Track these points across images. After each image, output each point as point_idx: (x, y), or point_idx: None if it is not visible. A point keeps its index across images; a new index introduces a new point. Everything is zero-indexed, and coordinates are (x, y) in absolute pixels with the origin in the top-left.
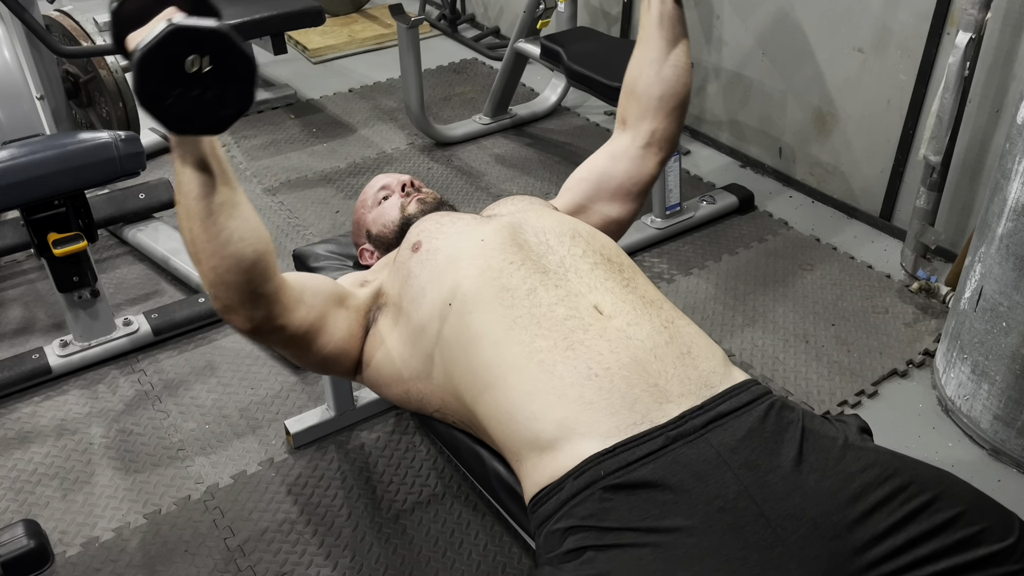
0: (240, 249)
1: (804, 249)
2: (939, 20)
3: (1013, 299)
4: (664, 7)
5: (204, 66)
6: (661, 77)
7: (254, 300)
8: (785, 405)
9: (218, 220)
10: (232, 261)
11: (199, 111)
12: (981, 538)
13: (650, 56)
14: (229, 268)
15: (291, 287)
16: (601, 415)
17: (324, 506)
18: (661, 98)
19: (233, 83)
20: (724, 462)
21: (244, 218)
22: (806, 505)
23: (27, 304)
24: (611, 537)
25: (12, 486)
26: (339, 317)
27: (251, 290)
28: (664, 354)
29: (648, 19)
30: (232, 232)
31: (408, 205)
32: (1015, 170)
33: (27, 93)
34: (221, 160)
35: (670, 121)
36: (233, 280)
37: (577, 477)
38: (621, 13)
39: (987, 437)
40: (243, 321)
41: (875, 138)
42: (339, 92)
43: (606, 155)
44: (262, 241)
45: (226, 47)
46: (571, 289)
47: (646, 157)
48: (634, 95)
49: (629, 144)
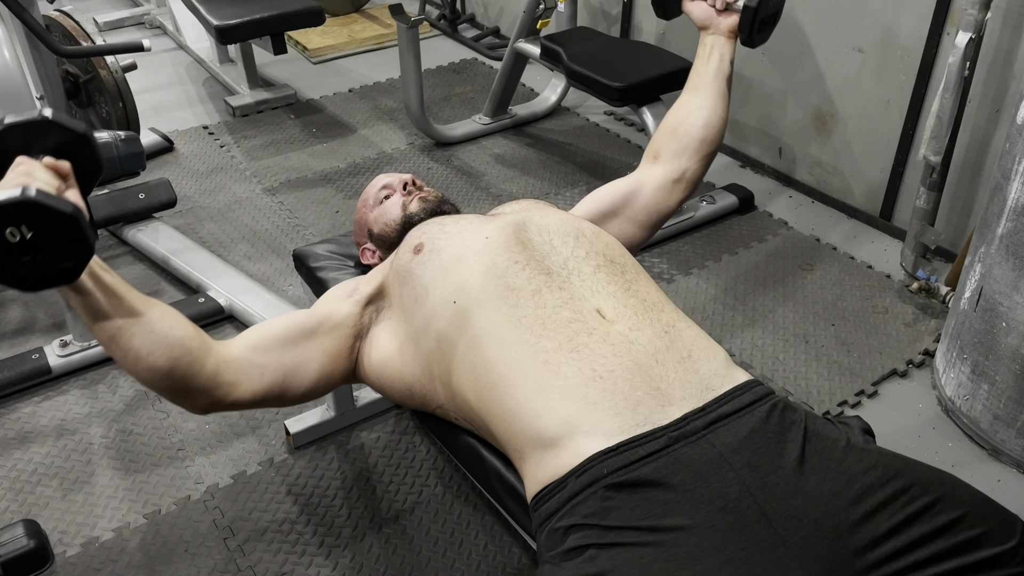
0: (153, 362)
1: (804, 249)
2: (939, 20)
3: (1013, 299)
4: (722, 65)
5: (25, 234)
6: (705, 124)
7: (190, 394)
8: (788, 406)
9: (121, 343)
10: (148, 373)
11: (39, 272)
12: (983, 540)
13: (698, 103)
14: (150, 379)
15: (238, 359)
16: (605, 415)
17: (324, 506)
18: (701, 141)
19: (60, 241)
20: (726, 462)
21: (148, 333)
22: (808, 506)
23: (27, 304)
24: (613, 536)
25: (12, 486)
26: (310, 351)
27: (182, 388)
28: (665, 359)
29: (704, 70)
30: (139, 350)
31: (410, 204)
32: (1015, 170)
33: (27, 93)
34: (108, 287)
35: (702, 164)
36: (161, 386)
37: (580, 475)
38: (621, 13)
39: (987, 437)
40: (192, 408)
41: (875, 138)
42: (339, 92)
43: (635, 179)
44: (175, 347)
45: (37, 213)
46: (575, 292)
47: (673, 191)
48: (676, 134)
49: (661, 175)
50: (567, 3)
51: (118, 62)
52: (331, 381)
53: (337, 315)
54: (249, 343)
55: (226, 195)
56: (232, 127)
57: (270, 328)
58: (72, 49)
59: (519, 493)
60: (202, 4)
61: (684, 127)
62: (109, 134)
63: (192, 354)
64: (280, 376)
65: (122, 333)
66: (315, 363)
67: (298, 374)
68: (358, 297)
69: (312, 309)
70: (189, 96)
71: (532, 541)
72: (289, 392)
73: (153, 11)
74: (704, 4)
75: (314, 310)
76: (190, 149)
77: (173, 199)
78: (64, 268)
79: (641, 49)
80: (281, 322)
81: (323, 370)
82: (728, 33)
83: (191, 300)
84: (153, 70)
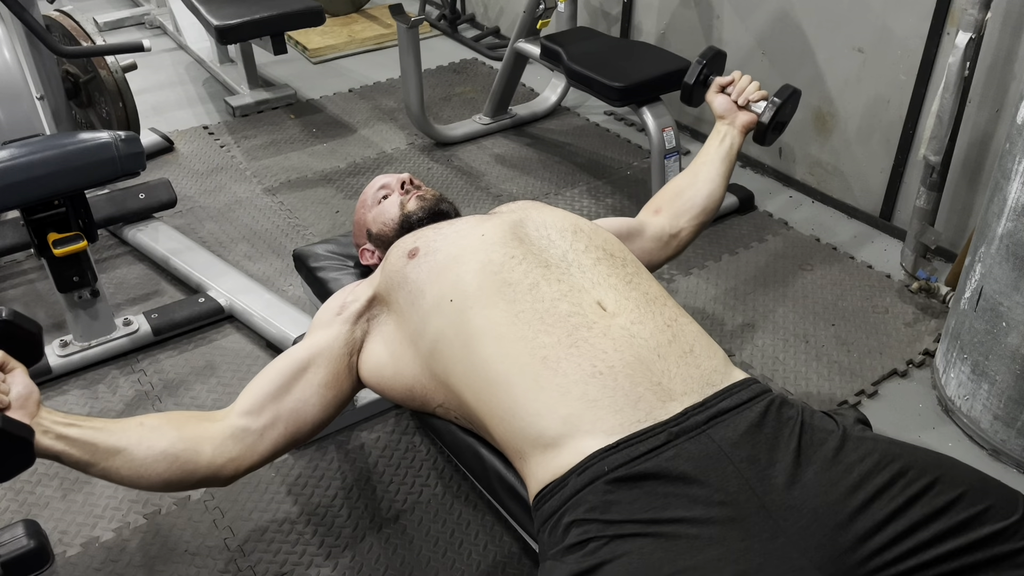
0: (147, 483)
1: (804, 249)
2: (939, 20)
3: (1013, 299)
4: (731, 152)
5: None
6: (708, 195)
7: (200, 483)
8: (785, 402)
9: (112, 478)
10: (151, 489)
11: None
12: (984, 517)
13: (706, 176)
14: (156, 490)
15: (231, 436)
16: (605, 413)
17: (324, 506)
18: (701, 210)
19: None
20: (725, 456)
21: (130, 463)
22: (807, 496)
23: (27, 304)
24: (614, 529)
25: (12, 486)
26: (307, 390)
27: (190, 484)
28: (667, 353)
29: (716, 152)
30: (128, 478)
31: (407, 202)
32: (1015, 170)
33: (27, 93)
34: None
35: (695, 230)
36: (172, 489)
37: (581, 473)
38: (621, 13)
39: (987, 437)
40: (215, 486)
41: (875, 138)
42: (339, 92)
43: (638, 222)
44: (159, 462)
45: None
46: (574, 284)
47: (668, 245)
48: (680, 197)
49: (660, 227)
50: (567, 3)
51: (118, 62)
52: (339, 403)
53: (327, 343)
54: (242, 410)
55: (226, 195)
56: (232, 127)
57: (260, 385)
58: (72, 49)
59: (519, 493)
60: (202, 4)
61: (689, 193)
62: (109, 134)
63: (180, 458)
64: (282, 428)
65: (108, 473)
66: (315, 398)
67: (300, 417)
68: (347, 315)
69: (302, 343)
70: (189, 96)
71: (532, 541)
72: (299, 434)
73: (153, 11)
74: (727, 98)
75: (304, 345)
76: (190, 149)
77: (173, 199)
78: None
79: (641, 49)
80: (270, 374)
81: (324, 401)
82: (742, 128)
83: (191, 300)
84: (153, 70)
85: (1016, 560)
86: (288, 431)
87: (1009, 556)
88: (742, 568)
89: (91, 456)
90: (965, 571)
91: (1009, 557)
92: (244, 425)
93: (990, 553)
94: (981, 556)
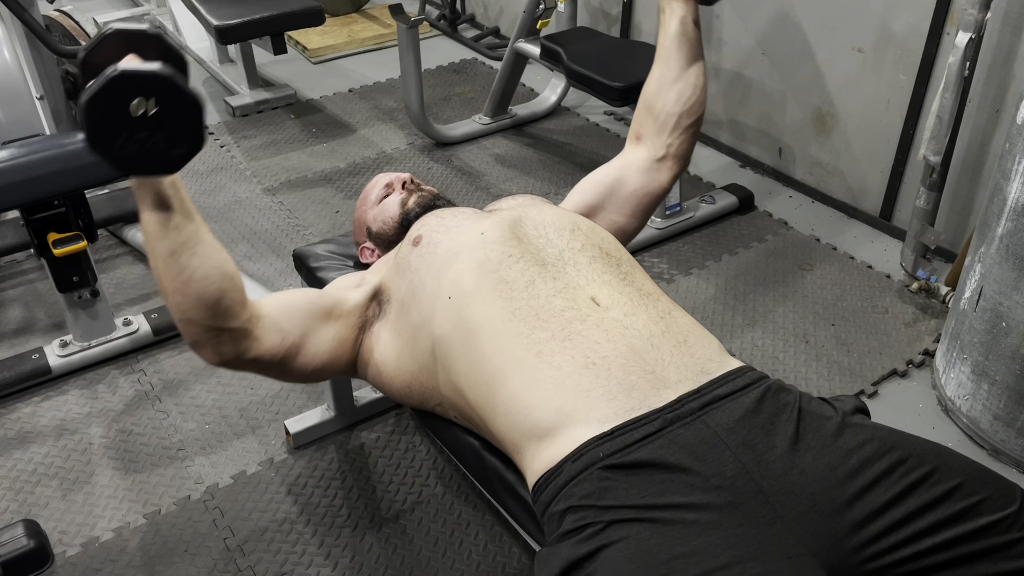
0: (203, 288)
1: (804, 249)
2: (939, 20)
3: (1013, 299)
4: (684, 28)
5: (150, 109)
6: (679, 97)
7: (220, 336)
8: (781, 388)
9: (179, 259)
10: (195, 299)
11: (149, 153)
12: (981, 508)
13: (669, 75)
14: (192, 306)
15: (265, 317)
16: (599, 402)
17: (324, 506)
18: (679, 116)
19: (180, 124)
20: (722, 442)
21: (207, 256)
22: (804, 482)
23: (27, 304)
24: (610, 515)
25: (12, 486)
26: (325, 331)
27: (217, 327)
28: (661, 343)
29: (667, 39)
30: (195, 271)
31: (408, 201)
32: (1015, 170)
33: (27, 93)
34: (183, 199)
35: (685, 137)
36: (198, 317)
37: (575, 460)
38: (621, 13)
39: (987, 437)
40: (211, 356)
41: (875, 138)
42: (339, 92)
43: (620, 164)
44: (226, 278)
45: (169, 90)
46: (569, 281)
47: (660, 170)
48: (652, 111)
49: (645, 157)
50: (567, 3)
51: None
52: (335, 367)
53: (347, 302)
54: (276, 305)
55: (226, 195)
56: (232, 127)
57: (293, 297)
58: (72, 49)
59: (519, 493)
60: (202, 4)
61: (659, 103)
62: None
63: (238, 292)
64: (298, 344)
65: (184, 249)
66: (327, 344)
67: (311, 349)
68: (365, 288)
69: (325, 290)
70: None
71: (532, 541)
72: (297, 363)
73: (153, 11)
74: None
75: (327, 291)
76: None
77: None
78: (173, 155)
79: (641, 49)
80: (302, 294)
81: (331, 354)
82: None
83: None
84: None
85: (1012, 551)
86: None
87: (1005, 547)
88: (739, 554)
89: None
90: (961, 560)
91: (1005, 548)
92: (276, 319)
93: (986, 543)
94: (977, 546)
